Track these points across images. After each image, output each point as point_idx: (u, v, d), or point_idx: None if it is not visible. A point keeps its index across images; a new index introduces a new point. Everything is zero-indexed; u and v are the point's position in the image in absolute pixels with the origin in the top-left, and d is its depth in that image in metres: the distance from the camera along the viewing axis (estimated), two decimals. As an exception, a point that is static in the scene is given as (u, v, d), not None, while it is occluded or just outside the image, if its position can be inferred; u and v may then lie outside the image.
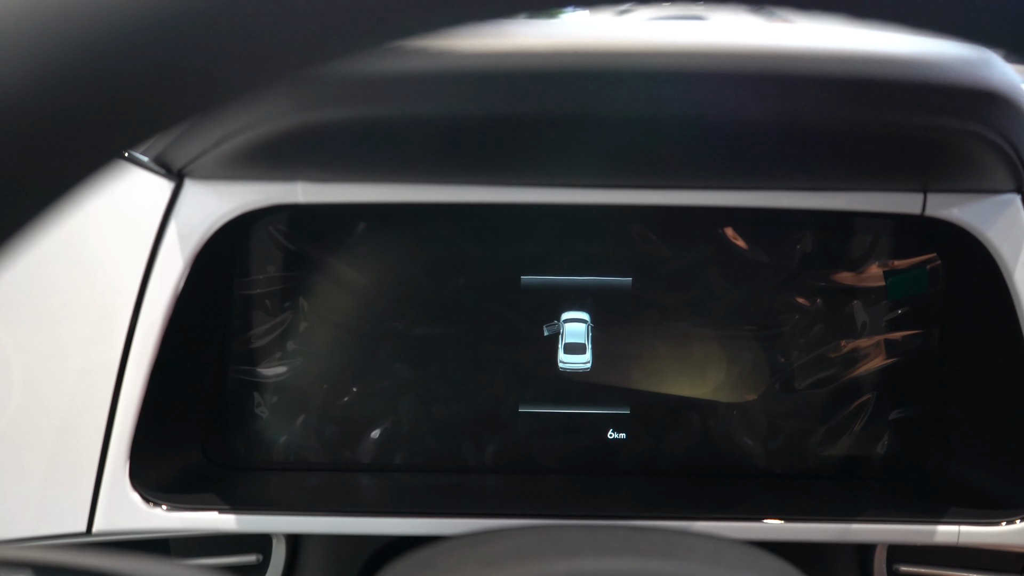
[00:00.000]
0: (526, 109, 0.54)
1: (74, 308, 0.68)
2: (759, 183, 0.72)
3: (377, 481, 0.82)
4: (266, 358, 0.83)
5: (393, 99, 0.53)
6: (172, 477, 0.74)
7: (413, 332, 0.83)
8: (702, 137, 0.59)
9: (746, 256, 0.82)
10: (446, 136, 0.59)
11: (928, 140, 0.55)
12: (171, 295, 0.69)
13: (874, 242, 0.82)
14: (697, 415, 0.83)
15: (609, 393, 0.83)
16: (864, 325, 0.83)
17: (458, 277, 0.82)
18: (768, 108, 0.53)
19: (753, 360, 0.83)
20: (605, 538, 0.48)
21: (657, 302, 0.83)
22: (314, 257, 0.82)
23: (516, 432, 0.83)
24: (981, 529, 0.70)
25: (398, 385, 0.83)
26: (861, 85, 0.49)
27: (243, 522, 0.70)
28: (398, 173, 0.71)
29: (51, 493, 0.68)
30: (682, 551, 0.46)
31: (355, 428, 0.83)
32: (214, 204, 0.70)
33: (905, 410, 0.83)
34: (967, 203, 0.71)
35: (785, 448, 0.83)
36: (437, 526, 0.70)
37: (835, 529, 0.71)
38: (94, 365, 0.68)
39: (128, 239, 0.69)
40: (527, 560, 0.44)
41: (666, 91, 0.52)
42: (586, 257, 0.83)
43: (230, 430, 0.83)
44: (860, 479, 0.83)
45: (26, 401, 0.67)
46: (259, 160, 0.64)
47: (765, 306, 0.83)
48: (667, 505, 0.77)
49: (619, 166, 0.70)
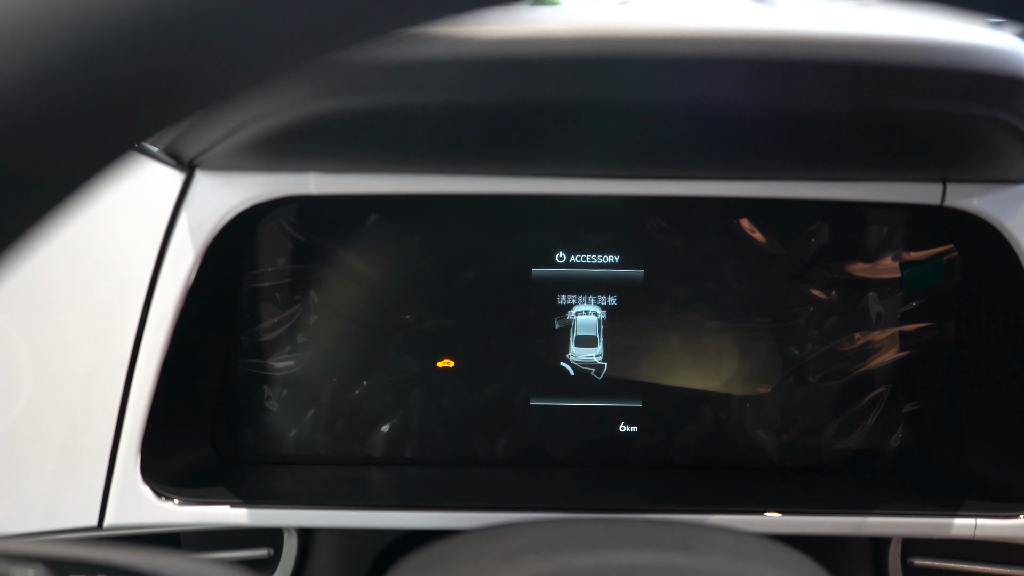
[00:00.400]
0: (539, 96, 0.53)
1: (85, 301, 0.68)
2: (775, 173, 0.71)
3: (388, 475, 0.81)
4: (276, 351, 0.82)
5: (406, 87, 0.52)
6: (183, 471, 0.74)
7: (424, 325, 0.82)
8: (716, 125, 0.59)
9: (760, 248, 0.82)
10: (459, 125, 0.59)
11: (951, 128, 0.55)
12: (182, 288, 0.68)
13: (890, 233, 0.81)
14: (710, 408, 0.83)
15: (621, 386, 0.83)
16: (879, 317, 0.82)
17: (469, 270, 0.82)
18: (787, 95, 0.52)
19: (766, 353, 0.82)
20: (624, 532, 0.47)
21: (670, 294, 0.82)
22: (324, 250, 0.82)
23: (527, 425, 0.83)
24: (999, 522, 0.70)
25: (408, 378, 0.83)
26: (885, 71, 0.48)
27: (254, 516, 0.70)
28: (410, 163, 0.70)
29: (62, 487, 0.67)
30: (702, 545, 0.46)
31: (365, 422, 0.83)
32: (225, 195, 0.70)
33: (919, 403, 0.83)
34: (987, 193, 0.70)
35: (798, 441, 0.83)
36: (448, 520, 0.70)
37: (850, 522, 0.70)
38: (105, 358, 0.68)
39: (139, 231, 0.69)
40: (545, 554, 0.44)
41: (679, 78, 0.51)
42: (598, 249, 0.82)
43: (240, 424, 0.82)
44: (874, 472, 0.83)
45: (37, 395, 0.67)
46: (271, 151, 0.63)
47: (779, 298, 0.82)
48: (680, 499, 0.77)
49: (631, 155, 0.69)
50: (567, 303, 0.82)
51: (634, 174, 0.73)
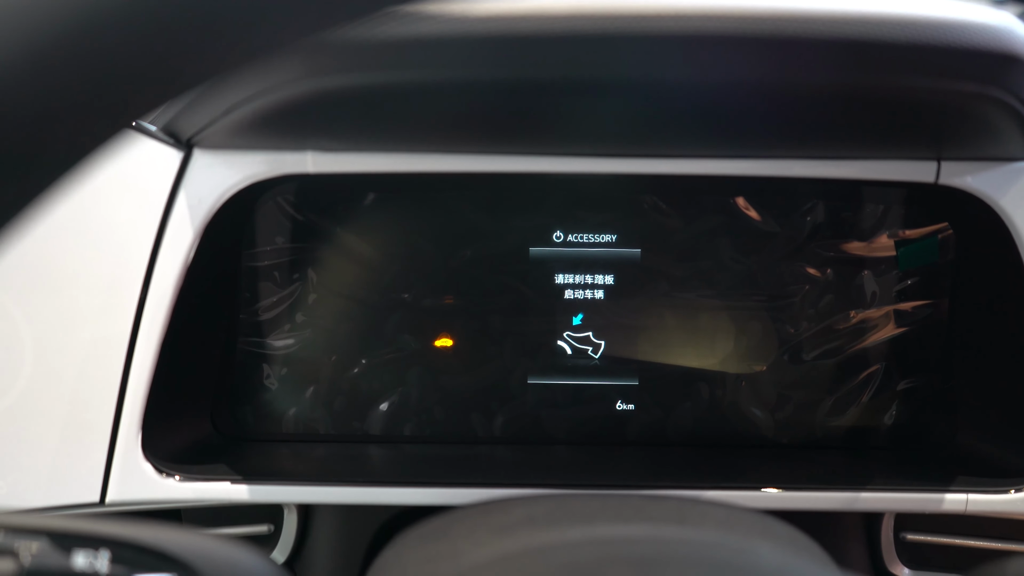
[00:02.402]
0: (535, 75, 0.54)
1: (85, 279, 0.68)
2: (771, 151, 0.71)
3: (386, 452, 0.82)
4: (275, 330, 0.83)
5: (403, 65, 0.52)
6: (183, 448, 0.74)
7: (422, 304, 0.83)
8: (711, 103, 0.59)
9: (756, 226, 0.82)
10: (456, 102, 0.59)
11: (945, 106, 0.55)
12: (181, 266, 0.69)
13: (885, 212, 0.82)
14: (706, 386, 0.83)
15: (618, 364, 0.83)
16: (874, 295, 0.83)
17: (466, 248, 0.82)
18: (781, 72, 0.52)
19: (762, 330, 0.83)
20: (618, 506, 0.48)
21: (666, 273, 0.82)
22: (323, 228, 0.82)
23: (525, 403, 0.84)
24: (989, 497, 0.71)
25: (407, 357, 0.83)
26: (881, 48, 0.48)
27: (255, 492, 0.70)
28: (408, 141, 0.71)
29: (64, 463, 0.68)
30: (695, 518, 0.46)
31: (364, 400, 0.84)
32: (223, 174, 0.70)
33: (913, 380, 0.83)
34: (981, 171, 0.70)
35: (794, 418, 0.84)
36: (446, 496, 0.71)
37: (843, 498, 0.71)
38: (105, 336, 0.68)
39: (138, 210, 0.69)
40: (540, 527, 0.44)
41: (675, 55, 0.52)
42: (595, 228, 0.82)
43: (240, 402, 0.83)
44: (868, 449, 0.84)
45: (38, 372, 0.68)
46: (268, 129, 0.64)
47: (775, 276, 0.82)
48: (676, 475, 0.77)
49: (628, 134, 0.70)
50: (564, 282, 0.83)
51: (631, 153, 0.73)
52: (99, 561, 0.35)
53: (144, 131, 0.69)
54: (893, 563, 0.80)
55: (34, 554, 0.34)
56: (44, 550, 0.34)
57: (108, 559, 0.35)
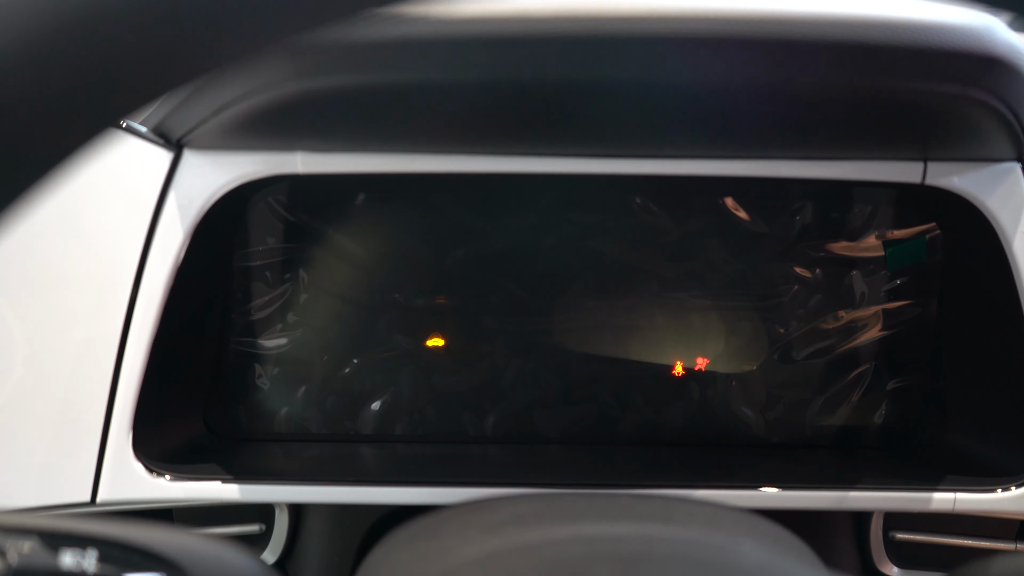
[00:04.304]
0: (525, 76, 0.54)
1: (75, 279, 0.68)
2: (758, 152, 0.72)
3: (378, 451, 0.82)
4: (266, 330, 0.83)
5: (393, 65, 0.52)
6: (175, 448, 0.75)
7: (413, 303, 0.83)
8: (700, 104, 0.59)
9: (745, 226, 0.82)
10: (446, 103, 0.59)
11: (929, 107, 0.55)
12: (171, 266, 0.69)
13: (873, 212, 0.82)
14: (696, 385, 0.84)
15: (609, 364, 0.84)
16: (863, 295, 0.83)
17: (458, 248, 0.82)
18: (767, 74, 0.52)
19: (752, 331, 0.83)
20: (605, 505, 0.48)
21: (656, 273, 0.83)
22: (314, 228, 0.82)
23: (516, 403, 0.84)
24: (977, 496, 0.71)
25: (399, 356, 0.83)
26: (862, 50, 0.49)
27: (246, 492, 0.71)
28: (398, 142, 0.71)
29: (55, 463, 0.68)
30: (681, 516, 0.47)
31: (356, 399, 0.84)
32: (213, 174, 0.70)
33: (903, 380, 0.84)
34: (967, 172, 0.71)
35: (783, 418, 0.84)
36: (438, 495, 0.71)
37: (832, 497, 0.72)
38: (96, 336, 0.68)
39: (128, 210, 0.69)
40: (528, 526, 0.45)
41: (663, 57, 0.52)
42: (585, 228, 0.83)
43: (231, 401, 0.83)
44: (857, 448, 0.84)
45: (28, 372, 0.68)
46: (258, 129, 0.64)
47: (764, 276, 0.83)
48: (666, 474, 0.78)
49: (619, 135, 0.70)
50: (555, 282, 0.83)
51: (620, 154, 0.73)
52: (87, 560, 0.35)
53: (134, 132, 0.69)
54: (882, 562, 0.80)
55: (22, 553, 0.34)
56: (32, 549, 0.34)
57: (96, 558, 0.35)
